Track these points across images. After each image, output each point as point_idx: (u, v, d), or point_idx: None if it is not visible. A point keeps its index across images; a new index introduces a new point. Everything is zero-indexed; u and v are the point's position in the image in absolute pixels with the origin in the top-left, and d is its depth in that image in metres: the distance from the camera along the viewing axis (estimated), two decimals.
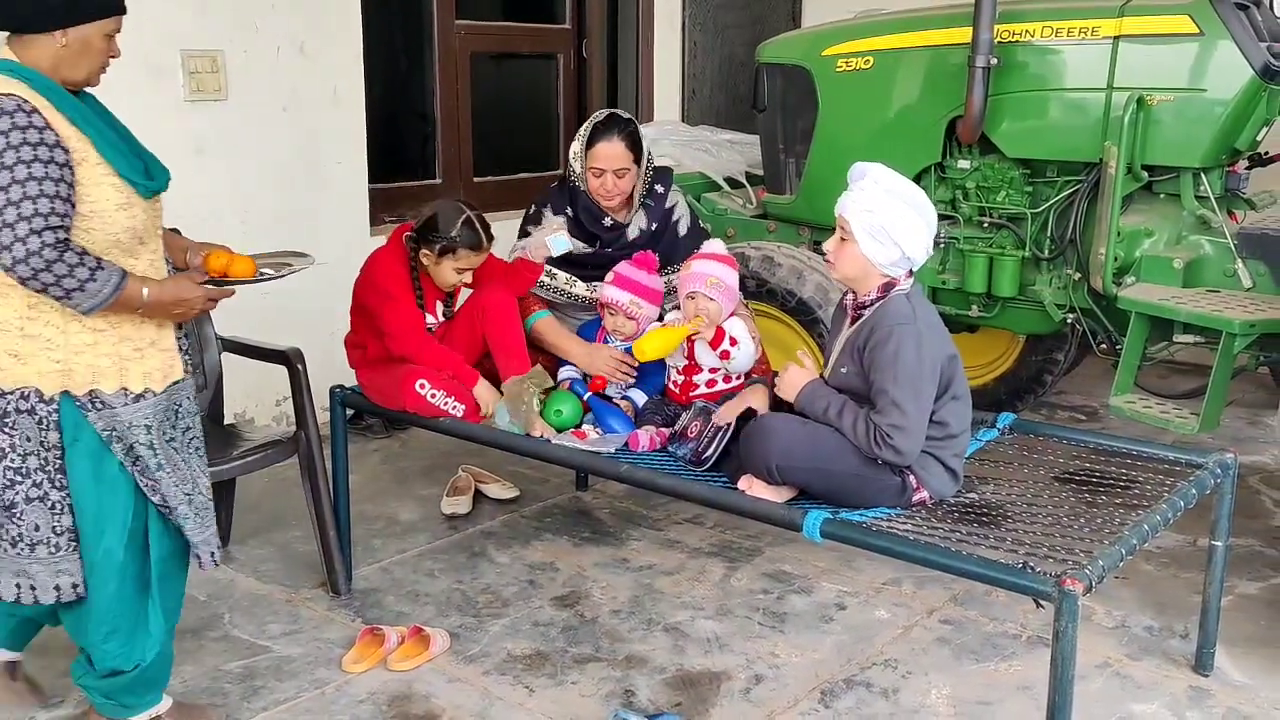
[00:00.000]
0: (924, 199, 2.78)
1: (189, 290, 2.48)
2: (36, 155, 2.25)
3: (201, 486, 2.62)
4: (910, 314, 2.74)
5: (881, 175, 2.77)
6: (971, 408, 2.90)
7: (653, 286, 3.47)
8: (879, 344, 2.71)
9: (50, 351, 2.38)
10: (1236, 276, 3.72)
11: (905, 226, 2.71)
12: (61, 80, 2.36)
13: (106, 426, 2.43)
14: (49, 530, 2.46)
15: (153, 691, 2.67)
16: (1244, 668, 3.09)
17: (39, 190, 2.24)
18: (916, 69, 4.25)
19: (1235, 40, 3.69)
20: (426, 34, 5.41)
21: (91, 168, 2.34)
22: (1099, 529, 2.69)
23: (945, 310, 4.36)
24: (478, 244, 3.27)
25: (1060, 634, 2.26)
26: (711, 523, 3.97)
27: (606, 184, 3.52)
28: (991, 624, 3.31)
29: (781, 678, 3.03)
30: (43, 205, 2.24)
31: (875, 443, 2.69)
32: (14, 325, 2.37)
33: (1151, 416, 3.60)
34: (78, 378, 2.40)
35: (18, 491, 2.44)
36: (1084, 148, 3.95)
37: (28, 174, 2.24)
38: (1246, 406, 5.19)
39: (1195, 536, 3.78)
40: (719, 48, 6.62)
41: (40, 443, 2.42)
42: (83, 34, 2.35)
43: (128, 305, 2.38)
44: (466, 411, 3.22)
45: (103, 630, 2.54)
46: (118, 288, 2.34)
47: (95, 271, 2.31)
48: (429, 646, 3.09)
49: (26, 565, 2.47)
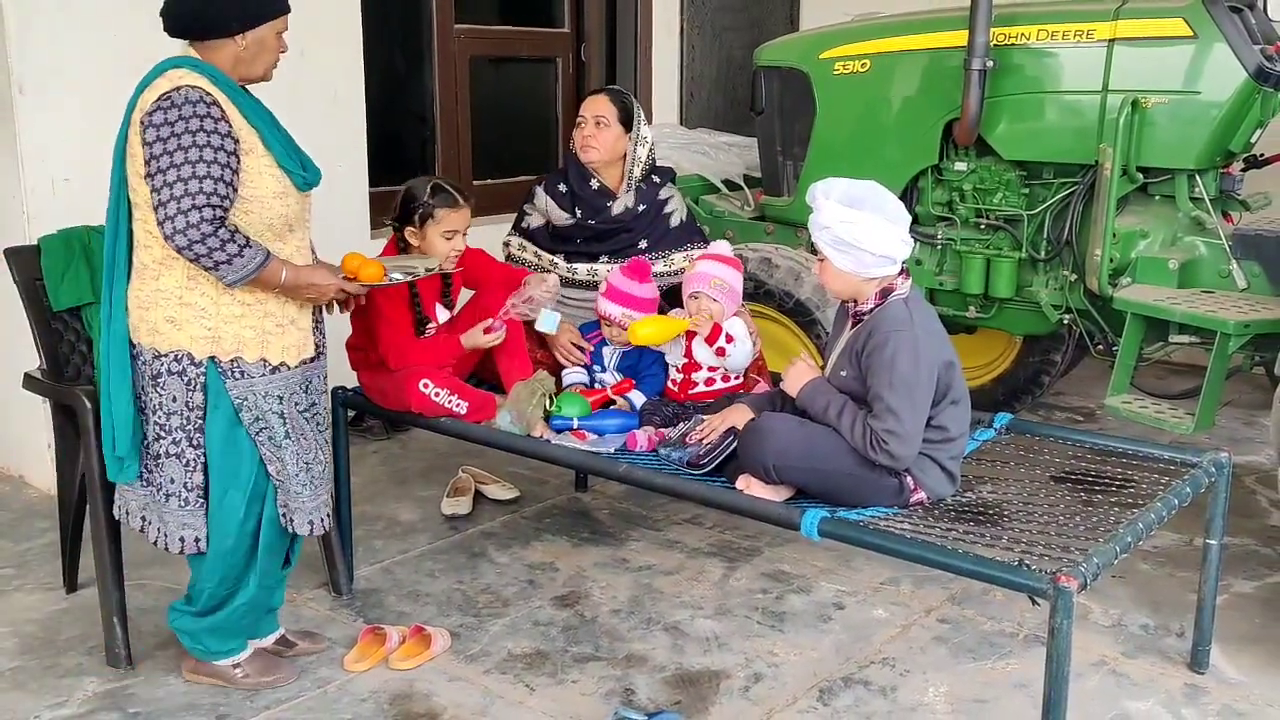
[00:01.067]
0: (880, 195, 2.77)
1: (324, 279, 2.77)
2: (209, 141, 2.53)
3: (322, 458, 2.89)
4: (907, 319, 2.75)
5: (832, 188, 2.77)
6: (970, 410, 2.92)
7: (645, 296, 3.51)
8: (876, 349, 2.73)
9: (203, 319, 2.67)
10: (1231, 277, 3.75)
11: (863, 230, 2.71)
12: (240, 78, 2.68)
13: (241, 395, 2.71)
14: (181, 485, 2.76)
15: (234, 640, 2.95)
16: (1239, 665, 3.11)
17: (206, 172, 2.52)
18: (913, 72, 4.27)
19: (1229, 43, 3.72)
20: (426, 37, 5.42)
21: (257, 158, 2.63)
22: (1095, 528, 2.71)
23: (943, 311, 4.38)
24: (453, 201, 3.31)
25: (1056, 631, 2.28)
26: (710, 523, 3.99)
27: (584, 131, 3.71)
28: (989, 623, 3.33)
29: (780, 676, 3.05)
30: (206, 185, 2.52)
31: (871, 446, 2.71)
32: (174, 294, 2.66)
33: (1147, 416, 3.63)
34: (225, 345, 2.68)
35: (161, 445, 2.75)
36: (1080, 150, 3.97)
37: (199, 157, 2.52)
38: (1242, 407, 5.22)
39: (1191, 536, 3.80)
40: (717, 51, 6.64)
41: (185, 403, 2.71)
42: (258, 34, 2.65)
43: (268, 283, 2.65)
44: (470, 408, 3.24)
45: (215, 576, 2.83)
46: (260, 265, 2.60)
47: (243, 249, 2.57)
48: (430, 646, 3.11)
49: (163, 513, 2.79)
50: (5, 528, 3.91)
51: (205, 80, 2.58)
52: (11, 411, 4.28)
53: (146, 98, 2.58)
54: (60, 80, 3.96)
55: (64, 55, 3.96)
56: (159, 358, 2.69)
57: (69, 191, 4.00)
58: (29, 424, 4.18)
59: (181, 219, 2.51)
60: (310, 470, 2.84)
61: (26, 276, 3.16)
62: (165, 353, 2.68)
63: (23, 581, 3.53)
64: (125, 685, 2.97)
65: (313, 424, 2.85)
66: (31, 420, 4.14)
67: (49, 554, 3.68)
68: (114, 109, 4.00)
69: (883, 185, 2.80)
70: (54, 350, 3.18)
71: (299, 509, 2.83)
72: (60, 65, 3.95)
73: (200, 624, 2.89)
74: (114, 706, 2.88)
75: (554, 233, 3.80)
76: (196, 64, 2.61)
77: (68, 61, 3.97)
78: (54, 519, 3.93)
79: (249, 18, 2.63)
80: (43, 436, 4.10)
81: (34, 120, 3.93)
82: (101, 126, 4.01)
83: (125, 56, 4.10)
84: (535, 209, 3.83)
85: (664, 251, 3.76)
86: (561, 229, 3.78)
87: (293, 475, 2.80)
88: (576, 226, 3.76)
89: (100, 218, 3.11)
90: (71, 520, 3.34)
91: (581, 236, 3.76)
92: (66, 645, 3.16)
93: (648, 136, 3.76)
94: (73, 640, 3.18)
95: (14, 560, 3.68)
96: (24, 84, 3.89)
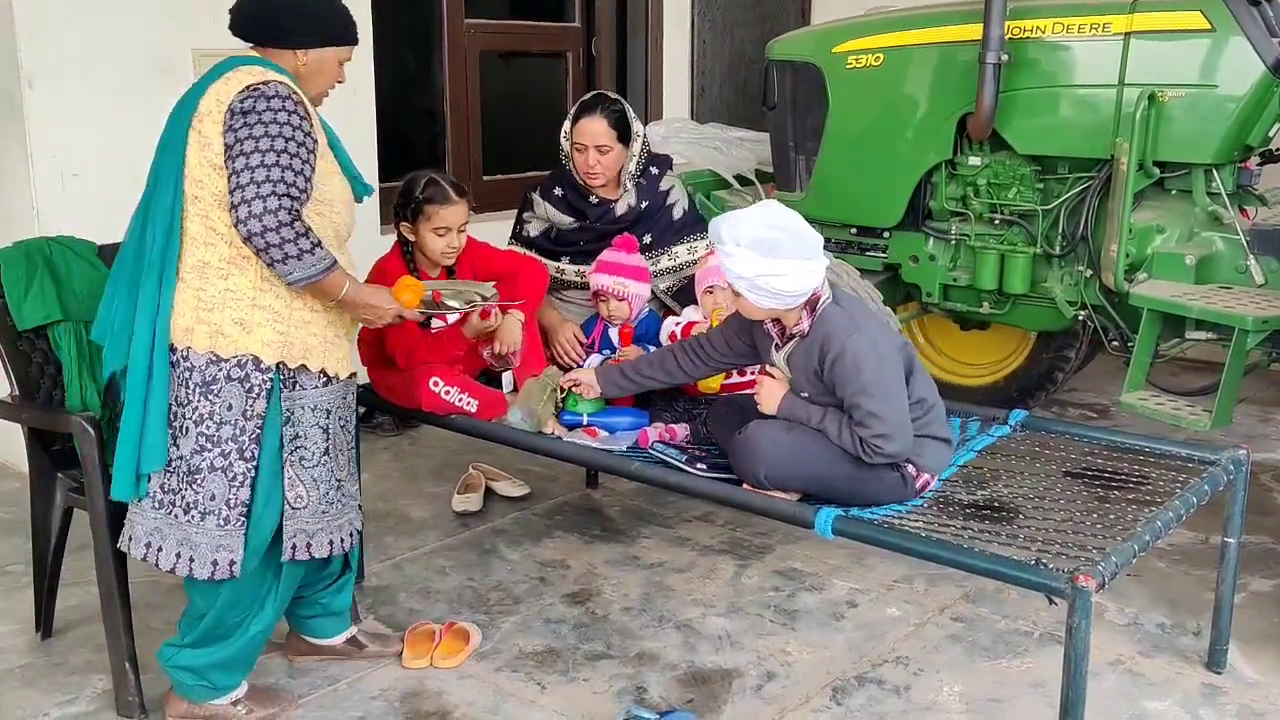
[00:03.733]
0: (791, 233, 2.64)
1: (384, 301, 2.69)
2: (294, 136, 2.46)
3: (354, 473, 2.82)
4: (851, 323, 2.70)
5: (739, 231, 2.64)
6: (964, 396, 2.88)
7: (634, 264, 3.51)
8: (836, 361, 2.67)
9: (276, 323, 2.55)
10: (1249, 273, 3.71)
11: (781, 280, 2.63)
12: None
13: (289, 408, 2.60)
14: (223, 502, 2.56)
15: (239, 673, 2.79)
16: (1257, 665, 3.08)
17: (289, 162, 2.44)
18: (927, 66, 4.24)
19: (1247, 36, 3.68)
20: (436, 33, 5.41)
21: (330, 161, 2.60)
22: (1111, 526, 2.68)
23: (956, 307, 4.36)
24: (445, 197, 3.22)
25: (1073, 631, 2.25)
26: (722, 520, 3.97)
27: (588, 160, 3.64)
28: (1003, 621, 3.31)
29: (793, 675, 3.03)
30: (288, 175, 2.44)
31: (866, 453, 2.68)
32: (246, 295, 2.54)
33: (1163, 413, 3.59)
34: (294, 350, 2.58)
35: (204, 458, 2.55)
36: (1095, 144, 3.94)
37: (284, 147, 2.44)
38: (1259, 403, 5.18)
39: (1207, 534, 3.77)
40: (728, 45, 6.61)
41: (243, 412, 2.55)
42: (320, 55, 2.62)
43: (329, 291, 2.56)
44: (480, 406, 3.22)
45: (229, 601, 2.66)
46: (327, 270, 2.50)
47: (315, 248, 2.47)
48: (468, 642, 3.11)
49: (193, 534, 2.57)
50: (16, 525, 3.91)
51: (289, 79, 2.55)
52: None
53: (225, 89, 2.49)
54: (70, 75, 3.95)
55: (73, 50, 3.95)
56: (217, 363, 2.52)
57: (78, 187, 3.99)
58: None
59: (259, 203, 2.40)
60: (343, 488, 2.74)
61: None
62: (227, 358, 2.52)
63: (32, 578, 3.52)
64: None
65: (347, 439, 2.77)
66: None
67: None
68: (123, 104, 4.04)
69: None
70: (24, 373, 2.94)
71: (320, 529, 2.69)
72: (70, 60, 3.95)
73: (208, 657, 2.71)
74: None
75: (557, 237, 3.76)
76: (272, 65, 2.56)
77: (77, 56, 3.96)
78: None
79: (314, 36, 2.60)
80: None
81: (43, 115, 3.93)
82: (111, 122, 4.03)
83: (135, 51, 4.11)
84: (535, 216, 3.79)
85: (666, 246, 3.74)
86: (566, 232, 3.75)
87: (320, 496, 2.67)
88: (581, 229, 3.73)
89: (109, 214, 3.11)
90: (51, 554, 3.08)
91: (585, 238, 3.73)
92: (76, 642, 3.15)
93: (640, 132, 3.71)
94: (82, 638, 3.17)
95: (24, 557, 3.66)
96: (34, 79, 3.88)
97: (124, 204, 2.95)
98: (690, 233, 3.80)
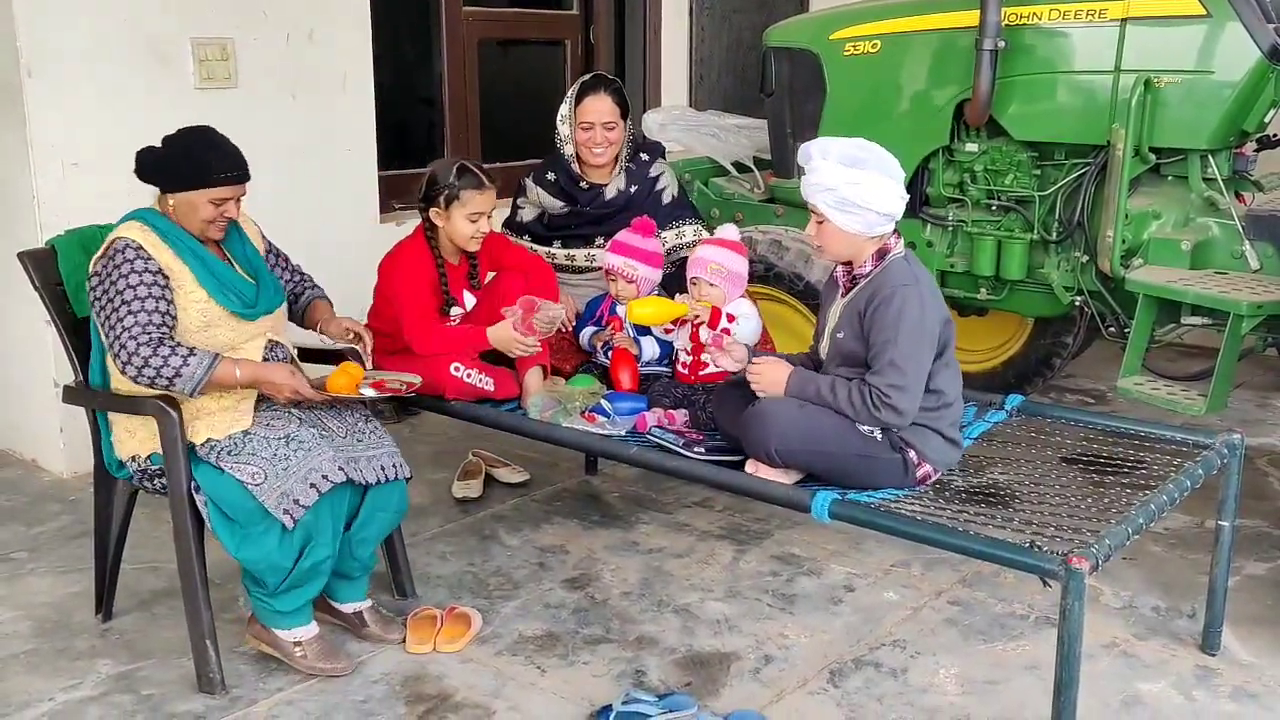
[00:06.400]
0: (877, 152, 2.77)
1: (281, 378, 2.87)
2: (140, 280, 2.74)
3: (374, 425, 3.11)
4: (913, 277, 2.76)
5: (828, 148, 2.77)
6: (962, 382, 2.91)
7: (648, 249, 3.52)
8: (883, 304, 2.72)
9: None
10: (1244, 258, 3.72)
11: (868, 189, 2.71)
12: (183, 228, 2.84)
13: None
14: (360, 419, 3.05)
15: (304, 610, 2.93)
16: (1251, 647, 3.10)
17: (140, 306, 2.72)
18: (924, 52, 4.25)
19: (1243, 21, 3.68)
20: (434, 20, 5.41)
21: (186, 294, 2.80)
22: (1106, 509, 2.70)
23: (953, 293, 4.37)
24: (479, 183, 3.31)
25: (1067, 612, 2.27)
26: (720, 506, 3.99)
27: (596, 137, 3.67)
28: (999, 605, 3.33)
29: (791, 658, 3.06)
30: (140, 318, 2.72)
31: (873, 405, 2.70)
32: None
33: (1159, 398, 3.61)
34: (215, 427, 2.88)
35: None
36: (1091, 130, 3.95)
37: (133, 295, 2.73)
38: (1254, 388, 5.20)
39: (1202, 518, 3.79)
40: (726, 32, 6.61)
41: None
42: (186, 198, 2.82)
43: (224, 382, 2.80)
44: (498, 386, 3.28)
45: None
46: (209, 368, 2.75)
47: (187, 359, 2.73)
48: (470, 626, 3.13)
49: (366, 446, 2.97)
50: (19, 511, 3.93)
51: (140, 228, 2.79)
52: (21, 396, 4.29)
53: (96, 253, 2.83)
54: (69, 64, 3.96)
55: (73, 38, 3.96)
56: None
57: (78, 176, 4.00)
58: (40, 408, 4.20)
59: (124, 353, 2.70)
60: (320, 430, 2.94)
61: (46, 280, 2.98)
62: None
63: (36, 565, 3.55)
64: (139, 667, 2.98)
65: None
66: (42, 404, 4.15)
67: (62, 538, 3.70)
68: (123, 93, 4.05)
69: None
70: (87, 358, 2.97)
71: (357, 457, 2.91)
72: (69, 49, 3.95)
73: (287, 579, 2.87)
74: (127, 689, 2.89)
75: (549, 222, 3.82)
76: (143, 214, 2.83)
77: (76, 45, 3.97)
78: (66, 502, 3.97)
79: (172, 182, 2.81)
80: (54, 420, 4.12)
81: (43, 104, 3.93)
82: (111, 111, 4.04)
83: (134, 39, 4.12)
84: (528, 202, 3.85)
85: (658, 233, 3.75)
86: (557, 217, 3.80)
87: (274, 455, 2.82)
88: (572, 214, 3.78)
89: (108, 203, 3.13)
90: (114, 539, 3.11)
91: (576, 222, 3.79)
92: (80, 628, 3.18)
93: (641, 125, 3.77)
94: (86, 623, 3.20)
95: (28, 544, 3.69)
96: (32, 67, 3.89)
97: (124, 193, 2.98)
98: (678, 218, 3.82)
